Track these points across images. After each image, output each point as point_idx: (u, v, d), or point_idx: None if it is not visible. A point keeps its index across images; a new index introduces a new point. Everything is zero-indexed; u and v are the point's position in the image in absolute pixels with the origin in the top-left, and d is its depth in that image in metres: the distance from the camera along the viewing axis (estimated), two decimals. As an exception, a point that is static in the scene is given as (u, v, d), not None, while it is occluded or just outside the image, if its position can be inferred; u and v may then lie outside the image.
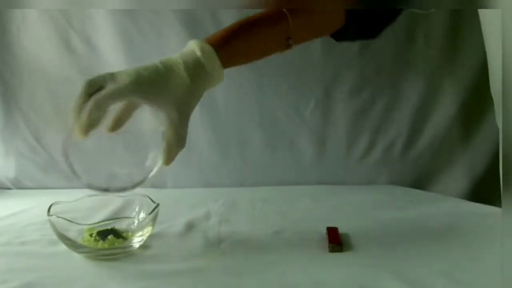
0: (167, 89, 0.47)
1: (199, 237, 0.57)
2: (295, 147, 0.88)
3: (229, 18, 0.81)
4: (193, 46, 0.50)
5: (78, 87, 0.82)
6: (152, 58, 0.81)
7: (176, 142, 0.46)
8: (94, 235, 0.52)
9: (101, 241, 0.52)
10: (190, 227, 0.59)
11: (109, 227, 0.54)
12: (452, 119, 0.88)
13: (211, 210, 0.67)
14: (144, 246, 0.54)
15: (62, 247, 0.52)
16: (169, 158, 0.47)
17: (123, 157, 0.51)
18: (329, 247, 0.52)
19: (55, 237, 0.52)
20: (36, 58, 0.82)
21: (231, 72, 0.81)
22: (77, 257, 0.51)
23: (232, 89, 0.82)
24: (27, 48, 0.81)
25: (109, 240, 0.52)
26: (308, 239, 0.54)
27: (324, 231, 0.57)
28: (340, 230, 0.57)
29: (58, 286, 0.44)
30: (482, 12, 0.54)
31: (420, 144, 0.89)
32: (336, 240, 0.53)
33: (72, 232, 0.51)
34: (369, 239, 0.55)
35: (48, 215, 0.50)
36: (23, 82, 0.83)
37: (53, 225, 0.50)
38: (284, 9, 0.54)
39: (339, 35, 0.60)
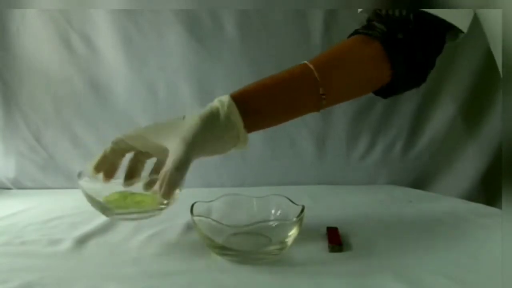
0: (179, 129, 0.47)
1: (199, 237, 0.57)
2: (295, 147, 0.88)
3: (229, 18, 0.81)
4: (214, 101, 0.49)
5: (78, 87, 0.84)
6: (152, 58, 0.82)
7: (172, 175, 0.45)
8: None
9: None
10: (190, 227, 0.59)
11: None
12: (452, 119, 0.88)
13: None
14: (144, 246, 0.54)
15: (62, 247, 0.53)
16: (161, 188, 0.45)
17: None
18: (329, 247, 0.52)
19: (55, 237, 0.53)
20: (36, 58, 0.82)
21: (231, 72, 0.82)
22: (77, 257, 0.51)
23: (232, 89, 0.82)
24: (27, 48, 0.81)
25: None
26: (308, 239, 0.54)
27: (324, 231, 0.57)
28: (340, 230, 0.57)
29: (58, 286, 0.43)
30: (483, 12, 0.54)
31: (420, 144, 0.89)
32: (336, 240, 0.53)
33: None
34: (369, 239, 0.55)
35: None
36: (23, 82, 0.83)
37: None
38: (308, 63, 0.51)
39: (386, 91, 0.58)
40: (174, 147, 0.46)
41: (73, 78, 0.83)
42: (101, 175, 0.51)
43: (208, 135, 0.47)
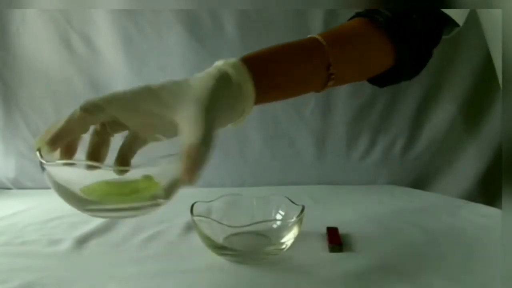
0: (188, 92, 0.37)
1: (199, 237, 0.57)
2: (295, 147, 0.88)
3: (229, 18, 0.81)
4: (218, 62, 0.42)
5: (78, 87, 0.83)
6: (152, 58, 0.82)
7: (201, 150, 0.35)
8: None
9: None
10: (190, 227, 0.59)
11: None
12: (452, 119, 0.88)
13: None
14: (144, 246, 0.54)
15: (62, 247, 0.53)
16: (189, 163, 0.34)
17: None
18: (329, 247, 0.52)
19: (55, 237, 0.52)
20: (36, 58, 0.82)
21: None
22: (77, 257, 0.51)
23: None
24: (27, 48, 0.81)
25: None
26: (308, 239, 0.54)
27: (324, 231, 0.57)
28: (340, 230, 0.57)
29: (58, 286, 0.44)
30: (482, 12, 0.54)
31: (420, 144, 0.89)
32: (336, 240, 0.53)
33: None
34: (369, 239, 0.55)
35: None
36: (23, 82, 0.83)
37: None
38: (318, 37, 0.50)
39: (384, 80, 0.56)
40: (188, 115, 0.35)
41: (73, 78, 0.82)
42: (57, 153, 0.40)
43: (222, 101, 0.38)
